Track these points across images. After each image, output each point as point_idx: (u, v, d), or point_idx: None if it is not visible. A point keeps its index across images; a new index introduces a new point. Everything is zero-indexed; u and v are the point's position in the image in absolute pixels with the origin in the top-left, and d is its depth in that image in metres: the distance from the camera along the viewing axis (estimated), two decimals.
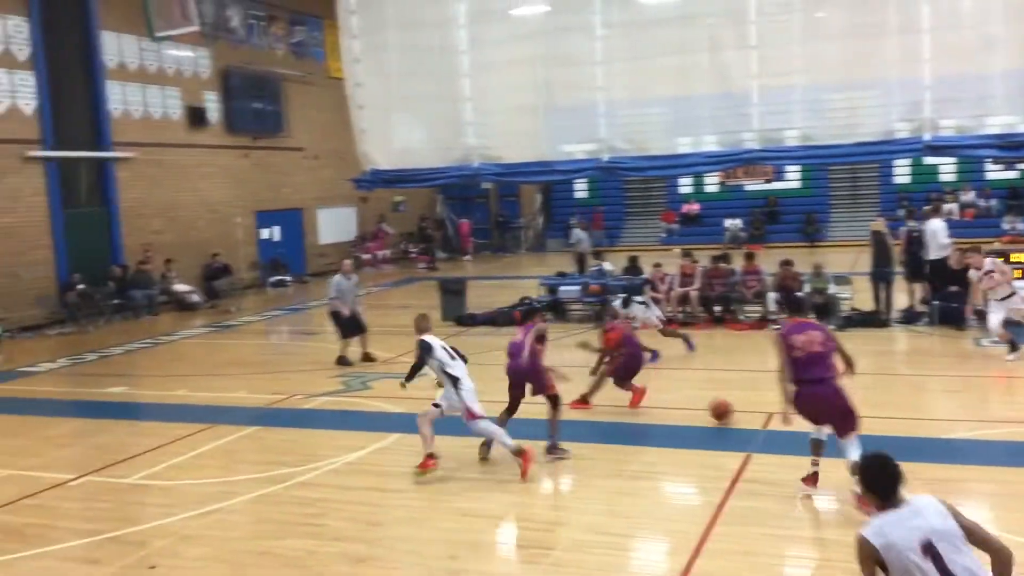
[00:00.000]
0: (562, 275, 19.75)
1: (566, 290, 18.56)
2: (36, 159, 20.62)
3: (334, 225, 30.62)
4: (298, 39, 29.43)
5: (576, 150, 17.65)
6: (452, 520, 7.72)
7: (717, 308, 16.97)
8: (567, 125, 17.77)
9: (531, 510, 8.09)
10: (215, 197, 25.88)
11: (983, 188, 31.66)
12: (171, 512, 8.22)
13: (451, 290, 18.86)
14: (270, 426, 11.01)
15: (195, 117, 24.98)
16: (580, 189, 36.95)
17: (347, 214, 31.44)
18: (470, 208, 37.35)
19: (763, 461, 8.84)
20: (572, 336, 16.62)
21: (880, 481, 4.11)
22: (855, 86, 15.96)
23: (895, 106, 15.13)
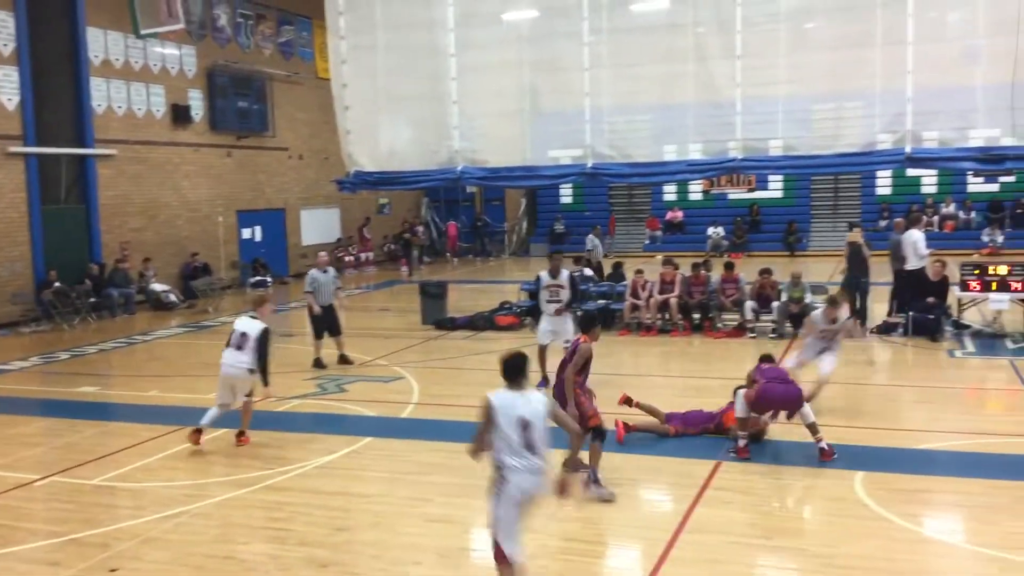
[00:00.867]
0: None
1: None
2: (17, 155, 20.45)
3: (317, 226, 30.50)
4: (286, 39, 29.41)
5: (561, 155, 17.63)
6: (420, 526, 7.65)
7: (696, 315, 16.97)
8: (553, 130, 17.77)
9: None
10: (197, 196, 25.72)
11: (964, 200, 31.85)
12: (136, 514, 8.12)
13: (432, 294, 18.79)
14: None
15: (179, 115, 24.82)
16: (565, 195, 36.95)
17: (330, 215, 31.34)
18: (455, 211, 37.33)
19: (732, 469, 8.82)
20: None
21: (510, 370, 5.83)
22: (838, 97, 16.03)
23: (878, 117, 15.18)
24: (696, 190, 35.09)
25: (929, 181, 32.68)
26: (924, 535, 7.36)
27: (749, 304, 16.35)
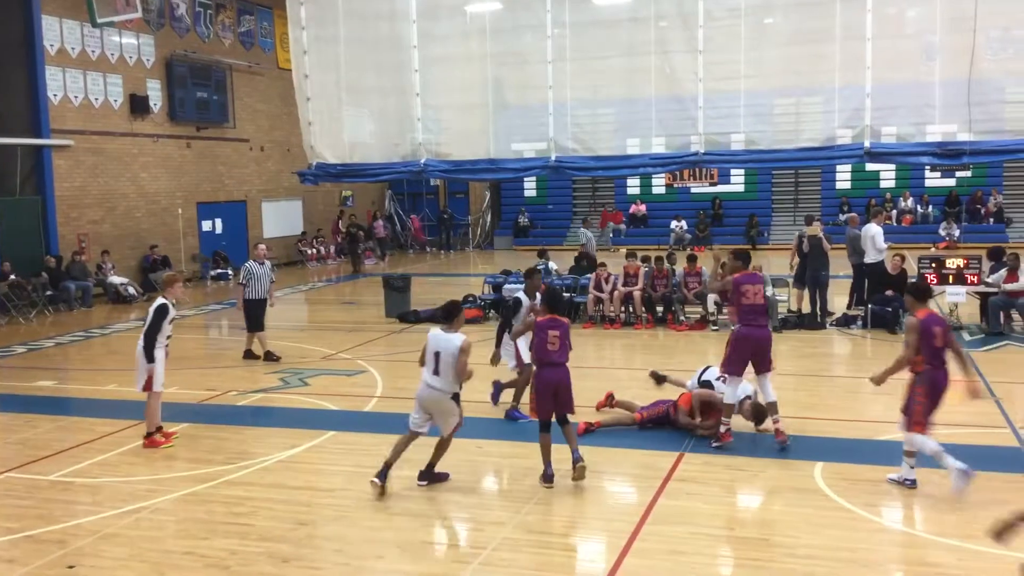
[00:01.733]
0: (507, 273, 19.68)
1: (510, 288, 18.50)
2: None
3: (279, 218, 30.21)
4: (246, 29, 29.06)
5: (525, 149, 17.61)
6: (382, 520, 7.62)
7: (659, 309, 17.07)
8: (516, 123, 17.74)
9: (463, 510, 8.01)
10: (156, 187, 25.36)
11: (922, 195, 32.35)
12: (94, 510, 7.99)
13: (395, 287, 18.70)
14: (202, 423, 10.76)
15: (137, 105, 24.44)
16: (529, 188, 36.99)
17: (293, 207, 31.05)
18: (419, 204, 37.22)
19: (695, 461, 8.89)
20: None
21: (444, 313, 8.09)
22: (798, 92, 16.20)
23: (837, 112, 15.34)
24: (659, 184, 35.31)
25: (888, 175, 33.15)
26: (884, 525, 7.47)
27: (712, 297, 16.48)
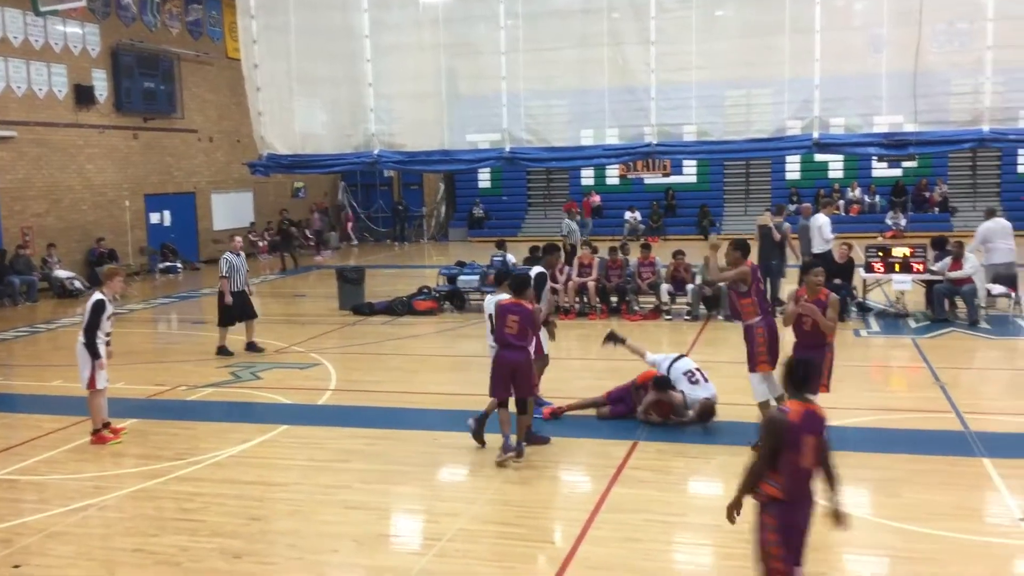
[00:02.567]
0: (462, 264, 19.64)
1: (465, 280, 18.50)
2: None
3: (229, 210, 29.75)
4: (194, 17, 28.57)
5: (479, 140, 17.52)
6: (336, 513, 7.57)
7: (613, 299, 17.16)
8: (470, 114, 17.63)
9: (419, 501, 7.99)
10: (102, 179, 24.86)
11: (869, 185, 32.93)
12: (40, 508, 7.84)
13: (349, 279, 18.57)
14: (151, 419, 10.59)
15: (82, 96, 23.91)
16: (484, 179, 36.92)
17: (243, 199, 30.61)
18: (372, 196, 36.95)
19: (649, 449, 8.96)
20: (470, 325, 16.61)
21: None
22: (749, 84, 16.31)
23: (787, 104, 15.48)
24: (613, 175, 35.46)
25: (836, 166, 33.67)
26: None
27: (665, 287, 16.62)
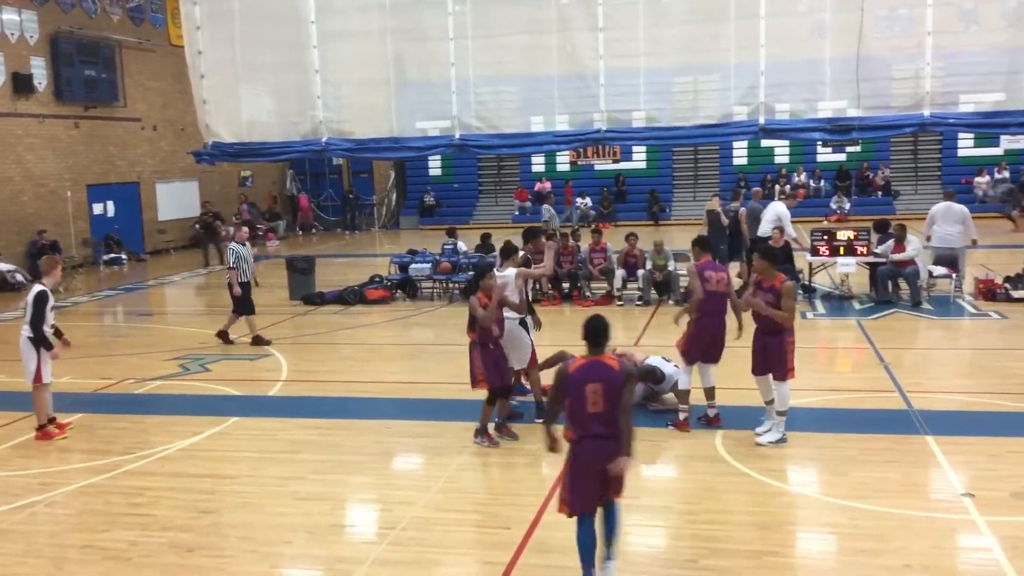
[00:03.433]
0: (413, 253, 19.56)
1: (417, 268, 18.43)
2: None
3: (175, 200, 29.24)
4: (135, 4, 27.98)
5: (429, 127, 17.43)
6: (289, 505, 7.52)
7: (565, 285, 17.23)
8: (419, 101, 17.52)
9: (372, 491, 7.97)
10: (43, 170, 24.27)
11: (814, 170, 33.45)
12: None
13: (299, 269, 18.38)
14: (98, 413, 10.39)
15: (20, 84, 23.32)
16: (434, 167, 36.77)
17: (189, 189, 30.09)
18: (321, 184, 36.58)
19: None
20: (423, 313, 16.57)
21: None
22: (696, 70, 16.45)
23: (733, 90, 15.66)
24: (563, 161, 35.53)
25: (782, 151, 34.12)
26: (781, 488, 7.73)
27: (619, 272, 16.73)
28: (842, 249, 16.18)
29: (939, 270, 15.96)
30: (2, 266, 21.65)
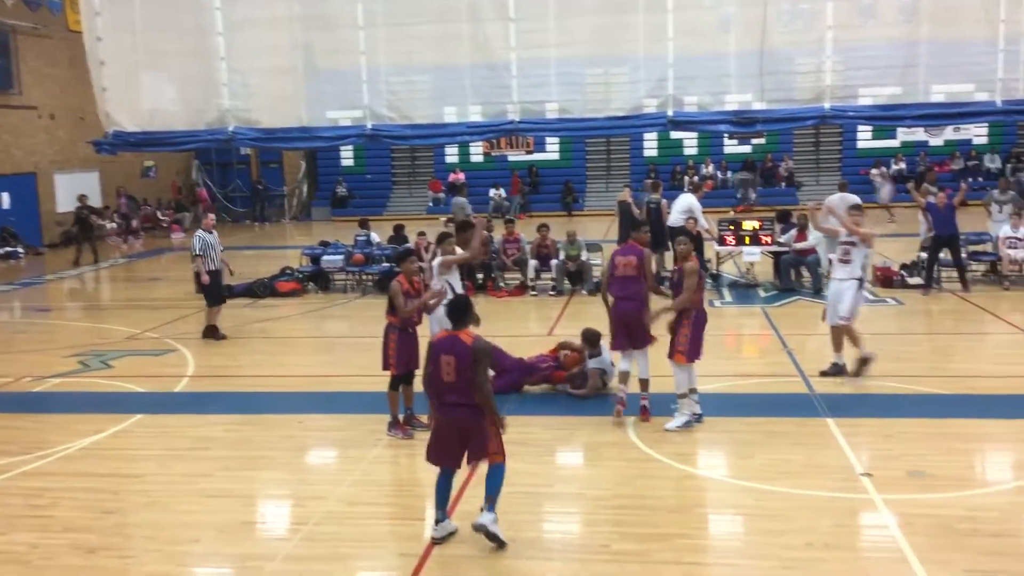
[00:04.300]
0: (326, 244, 19.29)
1: (329, 260, 18.19)
2: None
3: (74, 191, 28.09)
4: None
5: (340, 117, 17.17)
6: (197, 503, 7.35)
7: (479, 276, 17.25)
8: (330, 90, 17.22)
9: (284, 486, 7.86)
10: None
11: (721, 161, 34.20)
12: None
13: None
14: None
15: None
16: (347, 157, 36.29)
17: (89, 179, 29.00)
18: (229, 175, 35.73)
19: (513, 423, 8.91)
20: (336, 306, 16.38)
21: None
22: (607, 62, 16.60)
23: (643, 82, 15.83)
24: (477, 152, 35.51)
25: (690, 143, 34.75)
26: (689, 472, 7.91)
27: (532, 263, 16.82)
28: (748, 239, 16.60)
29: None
30: None
